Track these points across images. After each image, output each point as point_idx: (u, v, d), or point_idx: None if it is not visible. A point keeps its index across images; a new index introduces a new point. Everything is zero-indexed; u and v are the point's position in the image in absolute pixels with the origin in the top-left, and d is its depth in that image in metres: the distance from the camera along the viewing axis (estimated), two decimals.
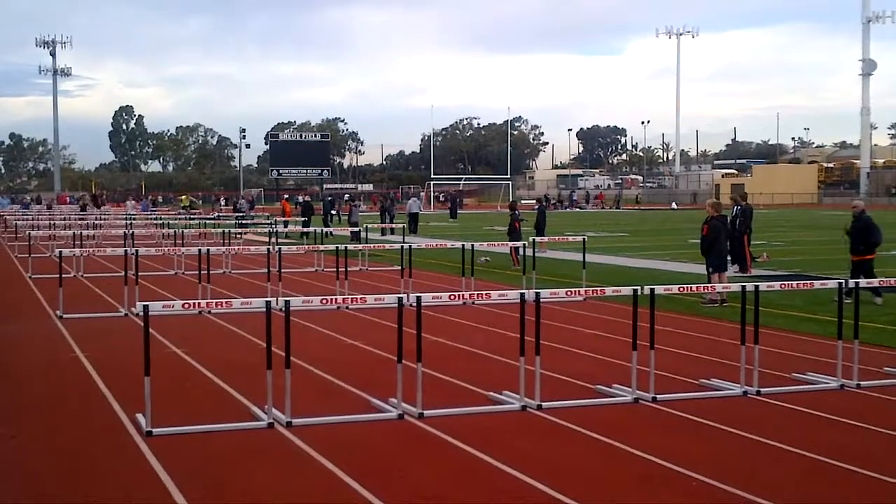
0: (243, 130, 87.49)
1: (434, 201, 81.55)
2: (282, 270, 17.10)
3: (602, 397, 8.91)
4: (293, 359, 8.00)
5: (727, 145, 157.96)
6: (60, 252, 15.90)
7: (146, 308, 7.52)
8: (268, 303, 7.91)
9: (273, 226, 31.86)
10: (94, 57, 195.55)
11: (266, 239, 27.86)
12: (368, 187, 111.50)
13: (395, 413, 8.10)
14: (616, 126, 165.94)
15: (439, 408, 8.22)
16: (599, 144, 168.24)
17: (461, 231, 41.38)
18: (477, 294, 12.71)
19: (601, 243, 30.92)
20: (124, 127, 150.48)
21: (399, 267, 17.79)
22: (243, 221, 37.34)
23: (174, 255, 22.31)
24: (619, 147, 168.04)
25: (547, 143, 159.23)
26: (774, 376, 9.66)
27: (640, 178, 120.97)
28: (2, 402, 9.02)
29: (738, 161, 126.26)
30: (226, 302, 8.65)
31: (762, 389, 9.03)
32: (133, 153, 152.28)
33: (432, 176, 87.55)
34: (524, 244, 19.40)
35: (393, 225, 37.78)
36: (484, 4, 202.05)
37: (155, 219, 40.71)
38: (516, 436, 7.63)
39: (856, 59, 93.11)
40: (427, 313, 9.65)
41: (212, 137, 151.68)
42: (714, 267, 15.67)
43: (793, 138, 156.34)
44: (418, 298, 8.30)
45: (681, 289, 10.27)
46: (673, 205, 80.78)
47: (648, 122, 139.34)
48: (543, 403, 8.38)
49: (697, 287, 11.04)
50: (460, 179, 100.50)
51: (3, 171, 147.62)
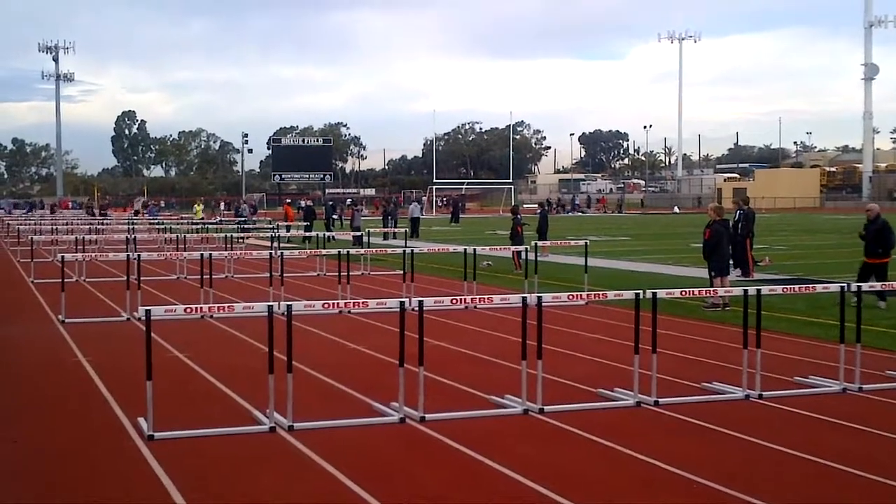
0: (245, 135, 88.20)
1: (436, 206, 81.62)
2: (284, 275, 17.11)
3: (604, 401, 8.91)
4: (295, 363, 8.01)
5: (729, 149, 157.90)
6: (63, 256, 15.91)
7: (148, 312, 7.53)
8: (270, 307, 7.92)
9: (275, 230, 31.87)
10: (97, 62, 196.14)
11: (268, 243, 27.87)
12: (371, 192, 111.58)
13: (397, 417, 8.09)
14: (618, 130, 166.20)
15: (441, 412, 8.22)
16: (602, 149, 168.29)
17: (463, 235, 41.37)
18: (479, 298, 12.66)
19: (603, 247, 30.89)
20: (127, 132, 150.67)
21: (401, 271, 17.79)
22: (245, 226, 37.38)
23: (176, 260, 22.33)
24: (622, 151, 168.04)
25: (549, 148, 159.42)
26: (776, 380, 9.65)
27: (643, 183, 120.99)
28: (4, 406, 9.03)
29: (741, 165, 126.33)
30: (228, 306, 8.65)
31: (764, 393, 9.02)
32: (135, 158, 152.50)
33: (435, 180, 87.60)
34: (526, 248, 19.41)
35: (395, 229, 37.81)
36: (486, 9, 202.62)
37: (158, 223, 40.77)
38: (518, 440, 7.63)
39: (858, 64, 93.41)
40: (429, 317, 9.63)
41: (214, 142, 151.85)
42: (716, 271, 15.66)
43: (795, 142, 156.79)
44: (420, 302, 8.31)
45: (683, 292, 10.26)
46: (675, 209, 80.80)
47: (651, 127, 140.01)
48: (545, 407, 8.37)
49: (700, 291, 11.02)
50: (462, 184, 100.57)
51: (6, 176, 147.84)
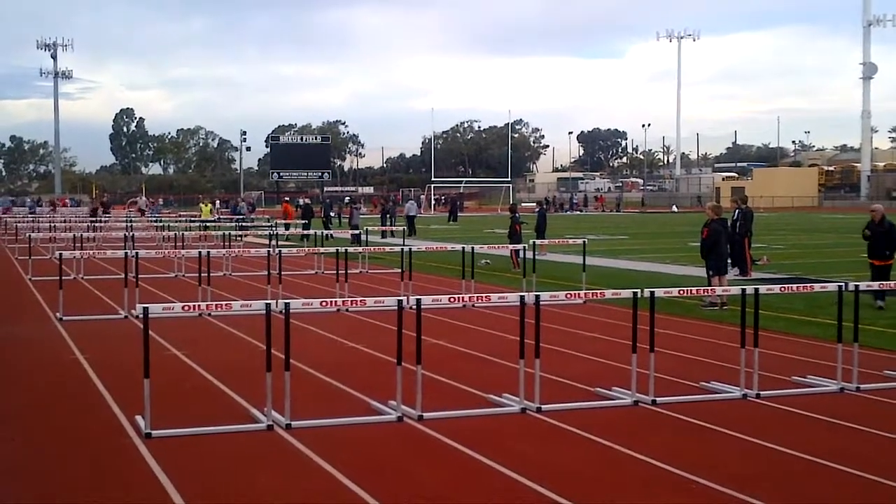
0: (244, 133, 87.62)
1: (435, 204, 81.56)
2: (282, 273, 17.11)
3: (602, 400, 8.91)
4: (293, 361, 8.01)
5: (728, 148, 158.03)
6: (61, 254, 15.89)
7: (146, 310, 7.53)
8: (267, 305, 7.92)
9: (273, 228, 31.86)
10: (95, 59, 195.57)
11: (266, 241, 27.86)
12: (369, 190, 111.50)
13: (395, 415, 8.10)
14: (616, 129, 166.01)
15: (439, 410, 8.22)
16: (600, 147, 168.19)
17: (461, 234, 41.38)
18: (477, 297, 12.66)
19: (601, 246, 30.91)
20: (125, 129, 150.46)
21: (399, 269, 17.79)
22: (243, 224, 37.35)
23: (174, 258, 22.31)
24: (620, 150, 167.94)
25: (547, 146, 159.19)
26: (774, 379, 9.66)
27: (641, 182, 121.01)
28: (1, 404, 9.02)
29: (739, 164, 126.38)
30: (226, 304, 8.67)
31: (762, 392, 9.03)
32: (134, 156, 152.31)
33: (433, 179, 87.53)
34: (524, 247, 19.41)
35: (393, 227, 37.81)
36: (485, 6, 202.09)
37: (156, 221, 40.74)
38: (516, 438, 7.63)
39: (856, 63, 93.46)
40: (427, 316, 9.64)
41: (212, 140, 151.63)
42: (714, 270, 15.66)
43: (793, 141, 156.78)
44: (418, 301, 8.30)
45: (681, 292, 10.27)
46: (674, 208, 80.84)
47: (649, 125, 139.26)
48: (543, 406, 8.38)
49: (697, 290, 11.03)
50: (461, 182, 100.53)
51: (4, 174, 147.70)
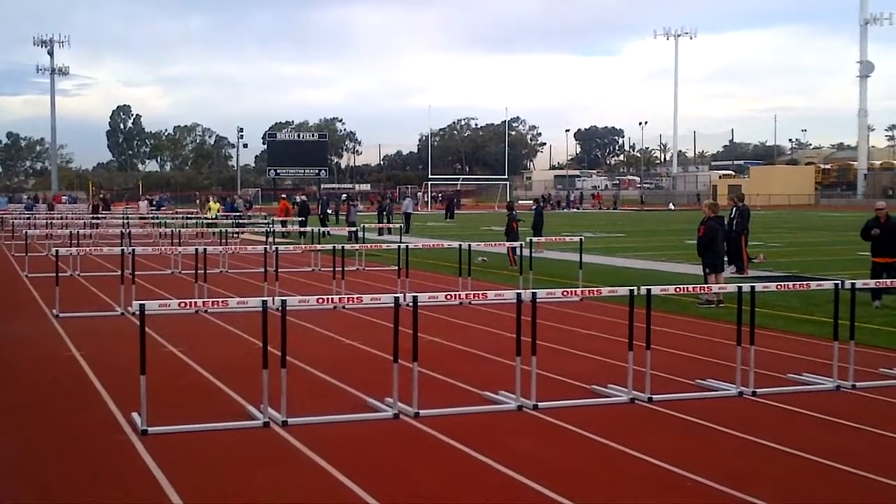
0: (241, 130, 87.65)
1: (432, 202, 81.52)
2: (278, 270, 17.10)
3: (598, 397, 8.92)
4: (289, 358, 8.00)
5: (724, 146, 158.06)
6: (57, 251, 15.88)
7: (142, 307, 7.52)
8: (264, 302, 7.91)
9: (270, 225, 31.84)
10: (92, 56, 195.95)
11: (263, 238, 27.84)
12: (366, 187, 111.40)
13: (391, 413, 8.09)
14: (614, 127, 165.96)
15: (435, 407, 8.22)
16: (597, 145, 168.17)
17: (458, 231, 41.38)
18: (473, 294, 12.70)
19: (598, 244, 30.93)
20: (122, 126, 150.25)
21: (396, 267, 17.78)
22: (240, 221, 37.33)
23: (171, 255, 22.30)
24: (617, 148, 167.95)
25: (544, 144, 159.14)
26: (770, 377, 9.67)
27: (638, 179, 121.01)
28: None
29: (736, 162, 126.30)
30: (222, 301, 8.65)
31: (758, 390, 9.04)
32: (130, 152, 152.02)
33: (430, 176, 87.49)
34: (521, 244, 19.41)
35: (390, 225, 37.80)
36: (482, 4, 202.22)
37: (153, 219, 40.69)
38: (512, 436, 7.64)
39: (853, 61, 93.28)
40: (423, 313, 9.64)
41: (209, 137, 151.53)
42: (711, 268, 15.67)
43: (790, 140, 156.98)
44: (415, 298, 8.30)
45: (677, 289, 10.27)
46: (671, 205, 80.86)
47: (646, 123, 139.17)
48: (539, 403, 8.38)
49: (694, 288, 11.05)
50: (458, 180, 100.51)
51: (1, 171, 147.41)
